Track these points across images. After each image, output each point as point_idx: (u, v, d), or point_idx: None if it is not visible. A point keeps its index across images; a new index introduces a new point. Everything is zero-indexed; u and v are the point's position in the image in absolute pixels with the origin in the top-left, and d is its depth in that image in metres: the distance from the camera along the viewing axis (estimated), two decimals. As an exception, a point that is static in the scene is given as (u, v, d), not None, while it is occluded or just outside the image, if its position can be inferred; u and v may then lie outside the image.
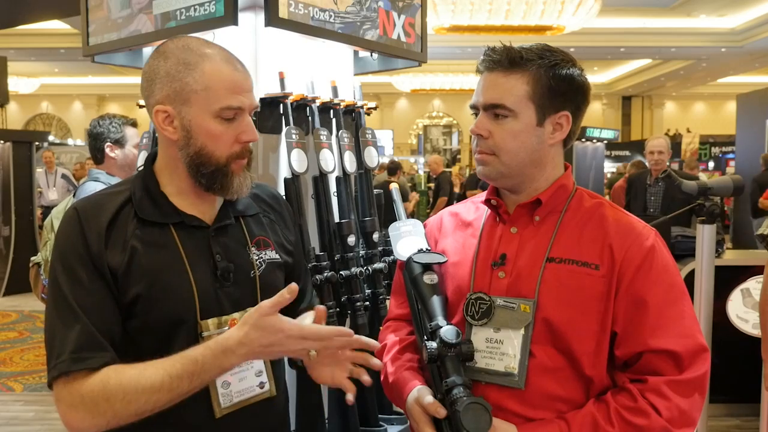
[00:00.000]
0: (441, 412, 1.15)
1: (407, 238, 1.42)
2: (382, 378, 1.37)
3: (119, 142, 2.76)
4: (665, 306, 1.20)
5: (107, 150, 2.75)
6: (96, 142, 2.77)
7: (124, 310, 1.15)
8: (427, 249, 1.37)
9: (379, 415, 1.98)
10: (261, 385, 1.25)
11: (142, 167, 1.30)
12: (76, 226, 1.15)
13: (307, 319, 1.18)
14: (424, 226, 1.46)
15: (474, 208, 1.41)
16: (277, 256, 1.32)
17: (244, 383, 1.23)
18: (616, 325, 1.21)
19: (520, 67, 1.24)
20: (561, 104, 1.27)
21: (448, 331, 1.18)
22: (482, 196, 1.38)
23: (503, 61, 1.25)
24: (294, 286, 1.10)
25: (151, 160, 1.27)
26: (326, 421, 1.83)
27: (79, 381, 1.09)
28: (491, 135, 1.26)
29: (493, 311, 1.24)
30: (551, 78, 1.24)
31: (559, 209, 1.29)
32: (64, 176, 9.23)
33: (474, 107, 1.30)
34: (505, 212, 1.32)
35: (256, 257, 1.27)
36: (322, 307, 1.18)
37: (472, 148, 1.33)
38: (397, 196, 1.58)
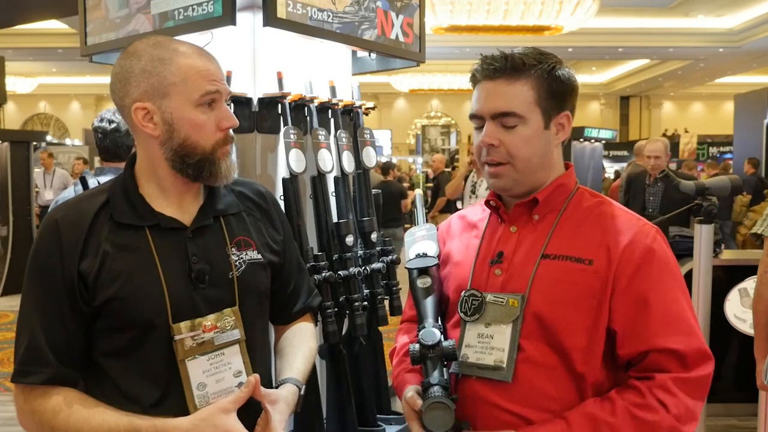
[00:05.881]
0: (417, 404, 1.19)
1: (418, 243, 1.44)
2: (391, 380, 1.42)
3: None
4: (668, 304, 1.20)
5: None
6: (124, 137, 2.31)
7: (96, 312, 1.16)
8: (424, 254, 1.39)
9: (378, 415, 1.98)
10: (240, 385, 1.20)
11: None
12: (53, 235, 1.17)
13: (283, 391, 1.24)
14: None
15: (481, 210, 1.43)
16: (260, 257, 1.30)
17: (221, 384, 1.20)
18: (614, 323, 1.20)
19: (523, 73, 1.24)
20: (562, 105, 1.28)
21: (425, 333, 1.21)
22: None
23: (506, 68, 1.24)
24: (252, 379, 1.16)
25: (131, 162, 1.27)
26: (324, 421, 1.83)
27: (29, 392, 1.15)
28: (502, 143, 1.25)
29: (484, 307, 1.25)
30: (553, 81, 1.26)
31: (558, 208, 1.30)
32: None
33: (478, 117, 1.28)
34: (504, 212, 1.34)
35: (236, 258, 1.26)
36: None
37: (478, 160, 1.32)
38: (419, 202, 1.56)
